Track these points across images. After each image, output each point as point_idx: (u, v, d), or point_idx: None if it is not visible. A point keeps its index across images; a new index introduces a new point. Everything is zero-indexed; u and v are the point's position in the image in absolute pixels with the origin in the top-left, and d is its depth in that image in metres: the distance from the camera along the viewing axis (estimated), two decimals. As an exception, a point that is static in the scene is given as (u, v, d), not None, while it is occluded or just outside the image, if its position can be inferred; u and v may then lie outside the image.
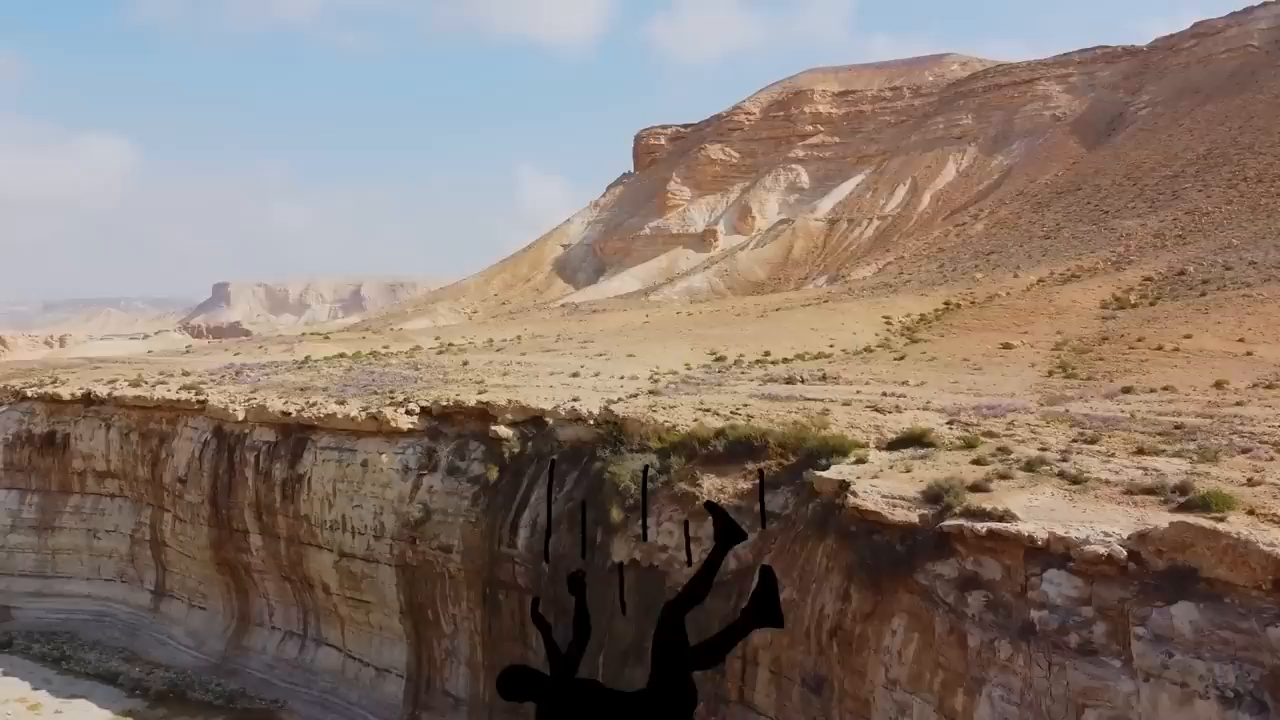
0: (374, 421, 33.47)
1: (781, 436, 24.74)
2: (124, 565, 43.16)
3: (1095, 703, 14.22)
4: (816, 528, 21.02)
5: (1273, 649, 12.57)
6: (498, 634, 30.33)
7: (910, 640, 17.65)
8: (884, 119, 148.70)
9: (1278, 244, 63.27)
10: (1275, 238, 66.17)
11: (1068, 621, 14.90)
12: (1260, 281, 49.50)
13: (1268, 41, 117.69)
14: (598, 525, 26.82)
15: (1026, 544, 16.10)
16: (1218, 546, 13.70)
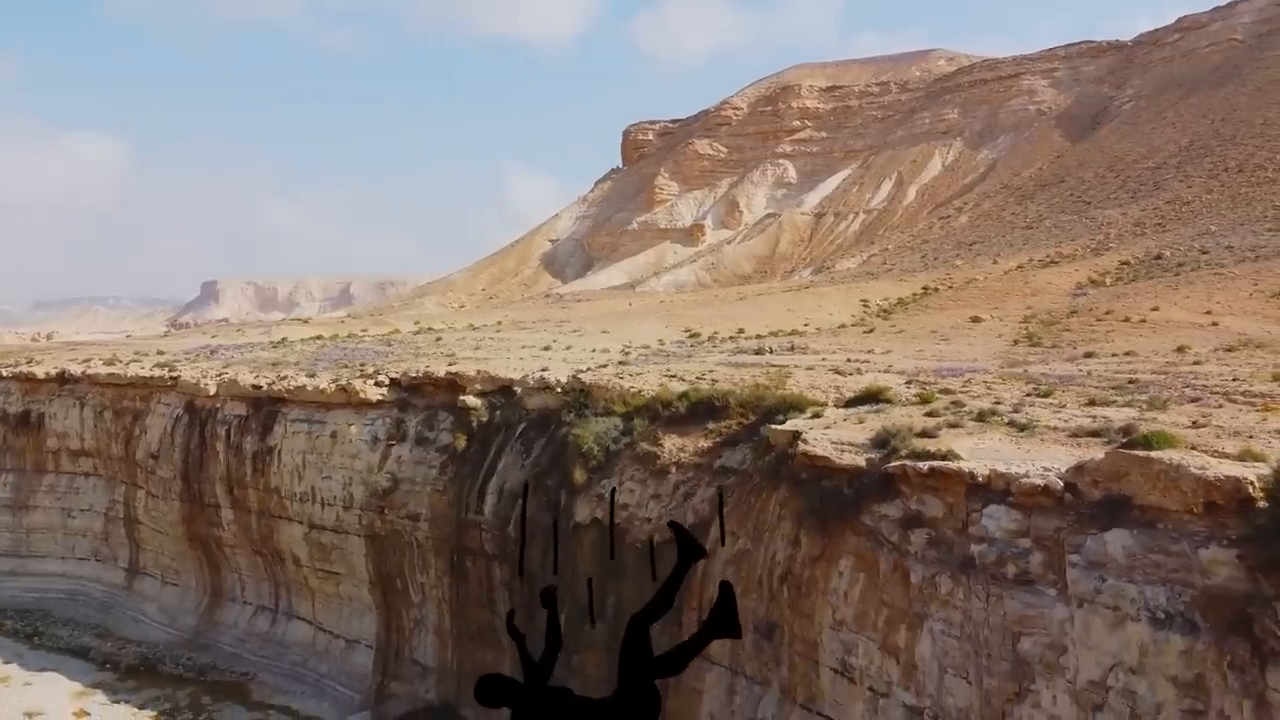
0: (343, 393, 33.49)
1: (742, 397, 24.84)
2: (98, 544, 43.09)
3: (1030, 630, 14.34)
4: (770, 478, 21.13)
5: (1203, 570, 12.68)
6: (464, 600, 30.38)
7: (856, 581, 17.76)
8: (871, 114, 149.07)
9: (1255, 229, 63.64)
10: (1253, 224, 66.56)
11: (1005, 553, 15.02)
12: (1234, 263, 49.81)
13: (1251, 35, 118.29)
14: (562, 488, 26.94)
15: (968, 480, 16.22)
16: (1150, 473, 13.82)
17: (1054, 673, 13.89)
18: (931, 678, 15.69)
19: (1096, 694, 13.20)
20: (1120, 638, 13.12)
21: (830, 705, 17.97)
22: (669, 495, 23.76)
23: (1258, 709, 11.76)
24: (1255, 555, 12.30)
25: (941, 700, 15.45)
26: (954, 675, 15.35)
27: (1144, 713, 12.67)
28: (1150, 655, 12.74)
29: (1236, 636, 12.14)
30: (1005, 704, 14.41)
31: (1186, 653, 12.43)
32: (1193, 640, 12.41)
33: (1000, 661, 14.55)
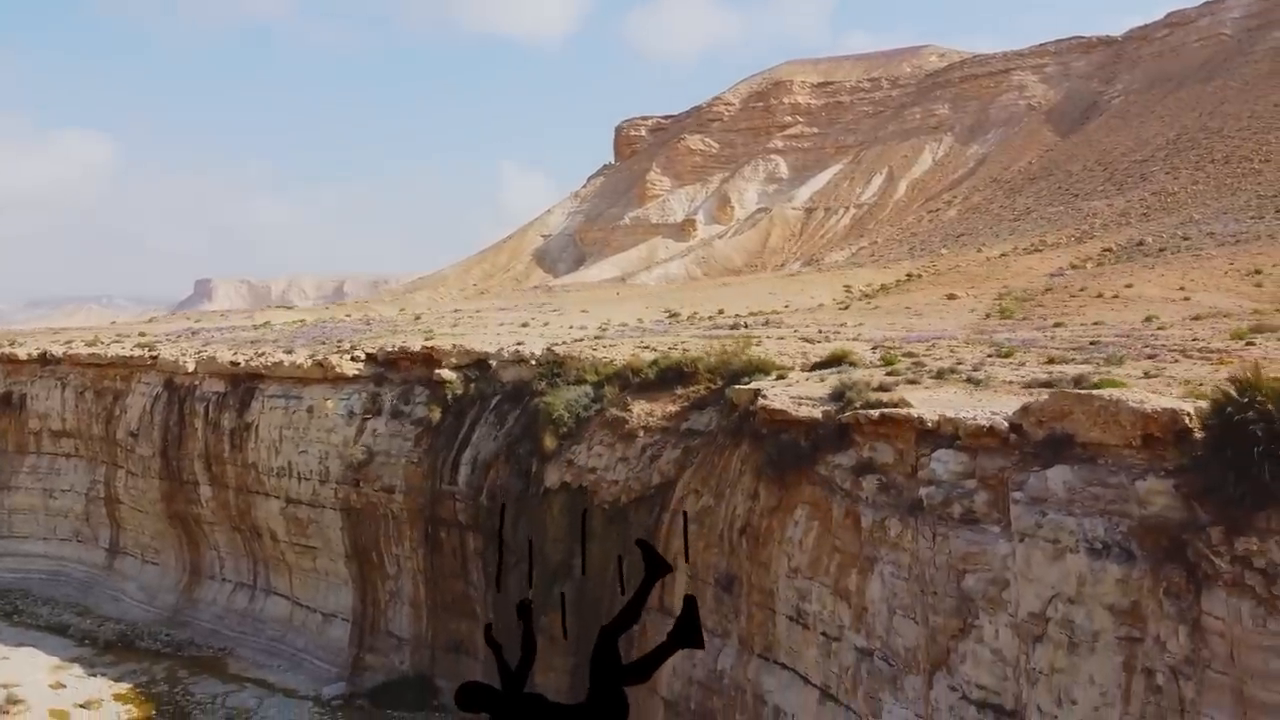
0: (320, 368, 33.61)
1: (710, 363, 24.98)
2: (79, 524, 43.14)
3: (974, 567, 14.50)
4: (732, 437, 21.30)
5: (1140, 501, 12.83)
6: (439, 571, 30.53)
7: (810, 529, 17.93)
8: (862, 109, 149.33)
9: (1238, 218, 63.93)
10: (1236, 212, 66.85)
11: (952, 494, 15.18)
12: (1214, 247, 50.06)
13: (1239, 30, 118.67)
14: (533, 456, 27.10)
15: (917, 426, 16.40)
16: (1091, 409, 13.98)
17: (996, 607, 14.06)
18: (881, 619, 15.86)
19: (1036, 625, 13.36)
20: (1060, 569, 13.28)
21: (786, 653, 18.14)
22: (636, 458, 23.92)
23: (1193, 634, 11.92)
24: (1191, 484, 12.46)
25: (890, 641, 15.61)
26: (902, 616, 15.51)
27: (1081, 641, 12.82)
28: (1088, 585, 12.89)
29: (1172, 564, 12.29)
30: (950, 640, 14.58)
31: (1123, 581, 12.58)
32: (1129, 569, 12.57)
33: (945, 599, 14.72)
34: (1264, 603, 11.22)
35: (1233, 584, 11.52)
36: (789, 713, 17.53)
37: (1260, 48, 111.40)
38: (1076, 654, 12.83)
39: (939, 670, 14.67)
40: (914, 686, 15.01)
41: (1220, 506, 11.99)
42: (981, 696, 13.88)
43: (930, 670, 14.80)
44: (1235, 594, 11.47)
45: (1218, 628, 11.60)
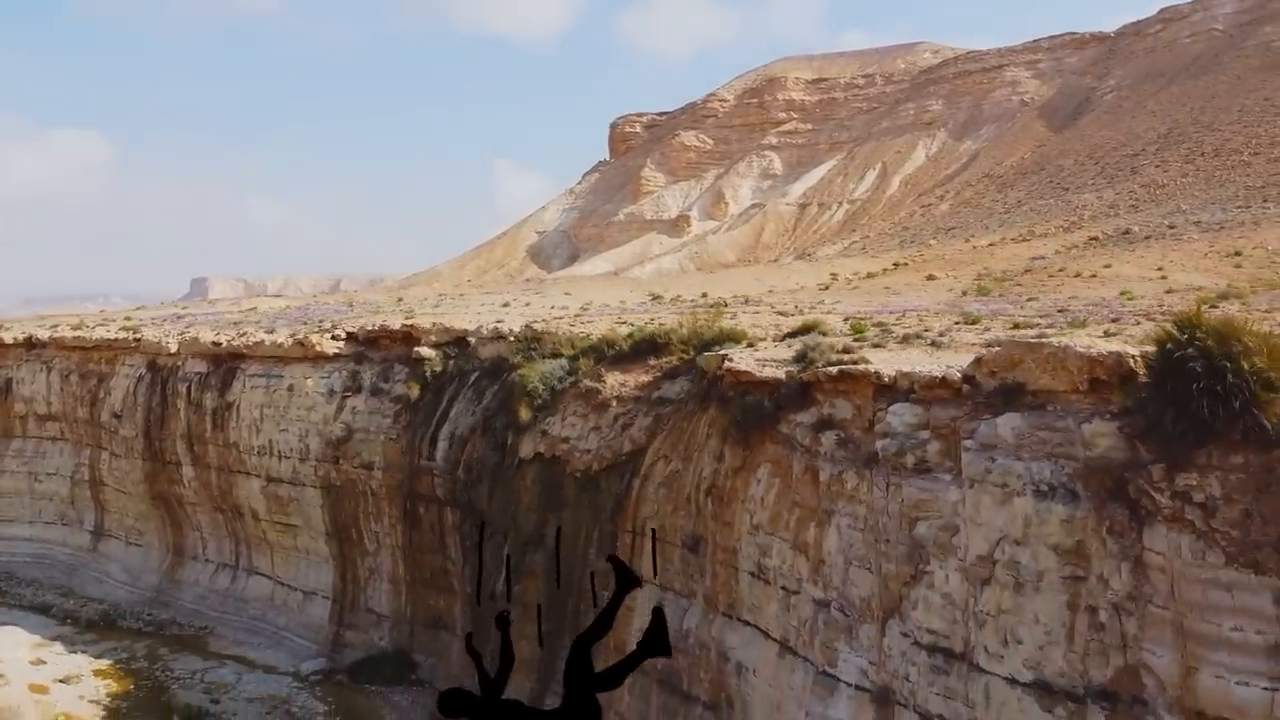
0: (300, 347, 33.70)
1: (683, 335, 25.09)
2: (64, 507, 43.19)
3: (925, 514, 14.63)
4: (700, 402, 21.42)
5: (1086, 443, 12.95)
6: (417, 546, 30.62)
7: (772, 486, 18.05)
8: (856, 106, 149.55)
9: (1225, 208, 64.11)
10: (1224, 203, 67.04)
11: (905, 445, 15.31)
12: (1199, 233, 50.22)
13: (1231, 25, 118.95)
14: (509, 429, 27.20)
15: (875, 381, 16.53)
16: (1040, 357, 14.11)
17: (946, 553, 14.18)
18: (837, 570, 15.98)
19: (984, 568, 13.49)
20: (1007, 513, 13.40)
21: (748, 610, 18.26)
22: (609, 426, 24.02)
23: (1135, 570, 12.04)
24: (1135, 425, 12.59)
25: (846, 591, 15.73)
26: (858, 566, 15.64)
27: (1026, 582, 12.95)
28: (1033, 526, 13.02)
29: (1115, 503, 12.42)
30: (902, 587, 14.70)
31: (1068, 521, 12.71)
32: (1074, 509, 12.70)
33: (897, 547, 14.84)
34: (1203, 536, 11.35)
35: (1173, 519, 11.65)
36: (750, 667, 17.65)
37: (1251, 42, 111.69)
38: (1022, 594, 12.96)
39: (892, 617, 14.80)
40: (868, 635, 15.13)
41: (1162, 444, 12.12)
42: (931, 641, 14.00)
43: (884, 618, 14.92)
44: (1175, 529, 11.60)
45: (1158, 563, 11.73)
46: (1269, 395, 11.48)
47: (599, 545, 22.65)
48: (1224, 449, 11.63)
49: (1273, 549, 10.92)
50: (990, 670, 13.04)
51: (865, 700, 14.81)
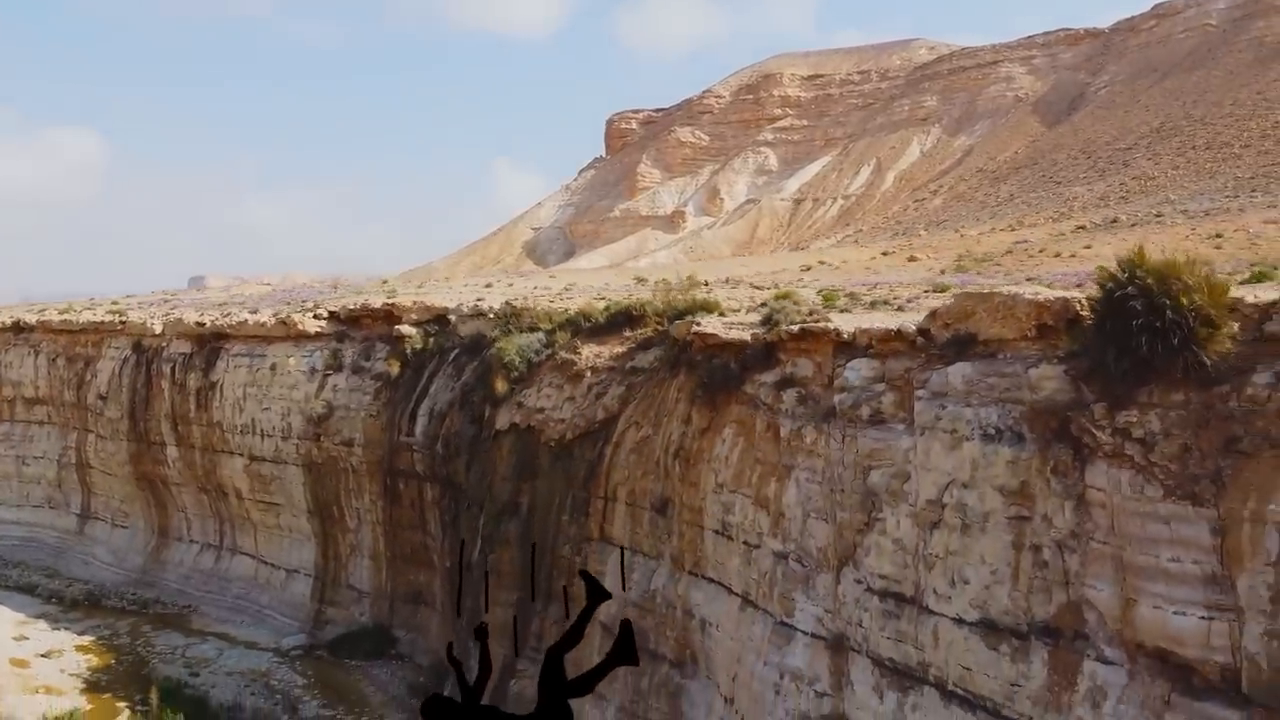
0: (283, 326, 33.83)
1: (658, 306, 25.24)
2: (51, 490, 43.32)
3: (879, 463, 14.77)
4: (671, 368, 21.57)
5: (1032, 387, 13.09)
6: (397, 522, 30.77)
7: (736, 446, 18.20)
8: (851, 102, 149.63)
9: (1214, 198, 64.25)
10: (1213, 194, 67.20)
11: (861, 398, 15.46)
12: (1184, 220, 50.36)
13: (1225, 20, 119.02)
14: (486, 402, 27.33)
15: (834, 338, 16.69)
16: (991, 306, 14.26)
17: (898, 499, 14.33)
18: (795, 523, 16.12)
19: (933, 512, 13.63)
20: (956, 458, 13.55)
21: (713, 567, 18.39)
22: (583, 396, 24.15)
23: (1077, 508, 12.18)
24: (1079, 367, 12.73)
25: (804, 542, 15.87)
26: (815, 518, 15.78)
27: (973, 523, 13.09)
28: (980, 469, 13.17)
29: (1060, 443, 12.56)
30: (856, 535, 14.84)
31: (1013, 463, 12.86)
32: (1019, 451, 12.84)
33: (852, 496, 14.98)
34: (1142, 470, 11.49)
35: (1113, 455, 11.79)
36: (713, 623, 17.79)
37: (1244, 37, 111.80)
38: (969, 535, 13.10)
39: (846, 565, 14.94)
40: (824, 584, 15.27)
41: (1105, 384, 12.26)
42: (883, 586, 14.14)
43: (838, 566, 15.06)
44: (1115, 465, 11.74)
45: (1100, 499, 11.86)
46: (1208, 332, 11.60)
47: (571, 512, 22.80)
48: (1165, 386, 11.76)
49: (1210, 481, 11.06)
50: (938, 611, 13.18)
51: (820, 647, 14.95)
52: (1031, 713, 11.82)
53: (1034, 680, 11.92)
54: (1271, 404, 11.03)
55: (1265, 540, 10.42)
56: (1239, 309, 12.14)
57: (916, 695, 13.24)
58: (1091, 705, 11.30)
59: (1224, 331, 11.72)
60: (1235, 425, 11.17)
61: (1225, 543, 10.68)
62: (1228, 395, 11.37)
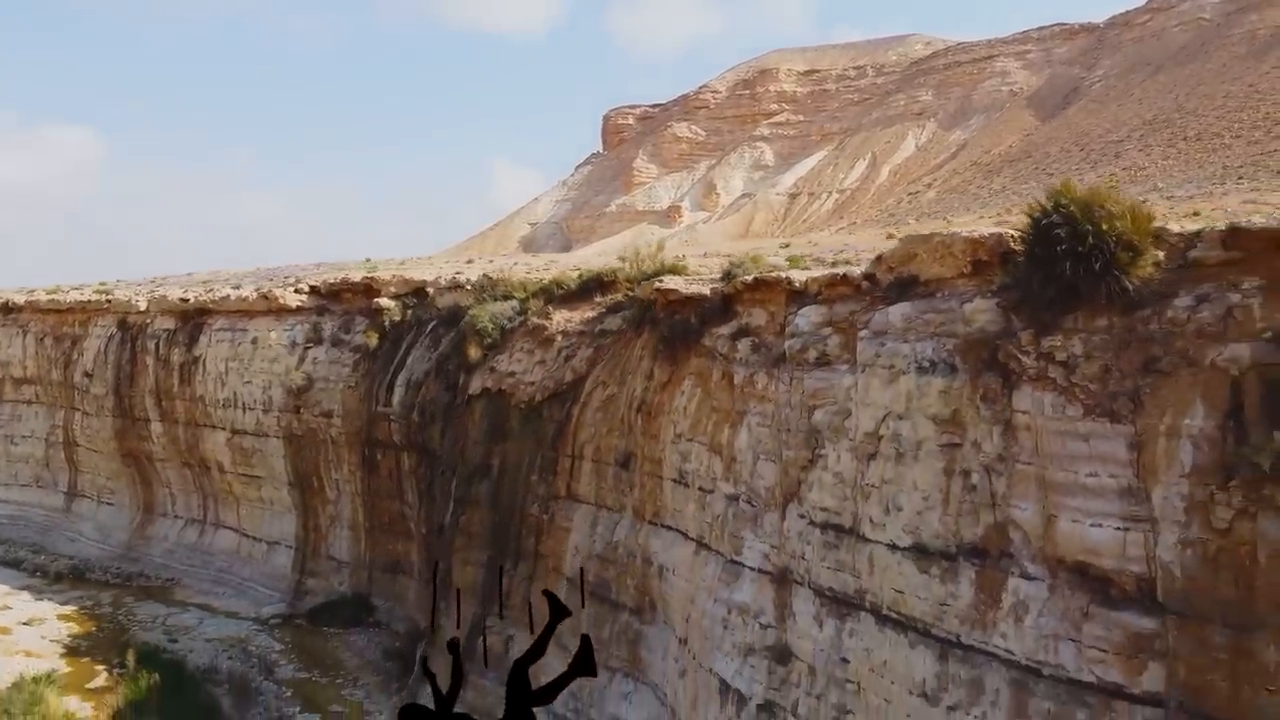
0: (265, 301, 34.14)
1: (628, 273, 25.53)
2: (39, 470, 43.64)
3: (822, 402, 15.06)
4: (636, 327, 21.87)
5: (966, 320, 13.36)
6: (376, 493, 31.06)
7: (694, 396, 18.49)
8: (847, 97, 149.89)
9: (1200, 185, 64.51)
10: (1200, 182, 67.44)
11: (809, 342, 15.75)
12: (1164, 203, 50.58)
13: (1219, 14, 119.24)
14: (460, 369, 27.64)
15: (786, 287, 16.99)
16: (931, 246, 14.55)
17: (839, 435, 14.61)
18: (746, 466, 16.41)
19: (871, 444, 13.92)
20: (893, 391, 13.83)
21: (671, 515, 18.68)
22: (552, 360, 24.45)
23: (1005, 433, 12.45)
24: (1010, 298, 13.02)
25: (753, 484, 16.16)
26: (765, 460, 16.06)
27: (906, 452, 13.37)
28: (914, 400, 13.45)
29: (990, 372, 12.84)
30: (800, 472, 15.13)
31: (945, 392, 13.14)
32: (951, 380, 13.12)
33: (797, 434, 15.27)
34: (1064, 392, 11.77)
35: (1037, 379, 12.07)
36: (670, 568, 18.08)
37: (1238, 31, 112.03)
38: (903, 464, 13.38)
39: (791, 502, 15.23)
40: (771, 521, 15.56)
41: (1032, 312, 12.54)
42: (824, 518, 14.42)
43: (784, 503, 15.35)
44: (1040, 388, 12.02)
45: (1025, 422, 12.14)
46: (1130, 257, 11.88)
47: (540, 471, 23.09)
48: (1090, 312, 12.05)
49: (1128, 398, 11.34)
50: (874, 539, 13.46)
51: (766, 582, 15.24)
52: (959, 630, 12.10)
53: (962, 599, 12.20)
54: (1190, 325, 11.30)
55: (1179, 453, 10.69)
56: (1165, 238, 12.43)
57: (854, 621, 13.52)
58: (1015, 620, 11.58)
59: (1147, 258, 12.00)
60: (1155, 346, 11.44)
61: (1141, 457, 10.95)
62: (1149, 318, 11.64)
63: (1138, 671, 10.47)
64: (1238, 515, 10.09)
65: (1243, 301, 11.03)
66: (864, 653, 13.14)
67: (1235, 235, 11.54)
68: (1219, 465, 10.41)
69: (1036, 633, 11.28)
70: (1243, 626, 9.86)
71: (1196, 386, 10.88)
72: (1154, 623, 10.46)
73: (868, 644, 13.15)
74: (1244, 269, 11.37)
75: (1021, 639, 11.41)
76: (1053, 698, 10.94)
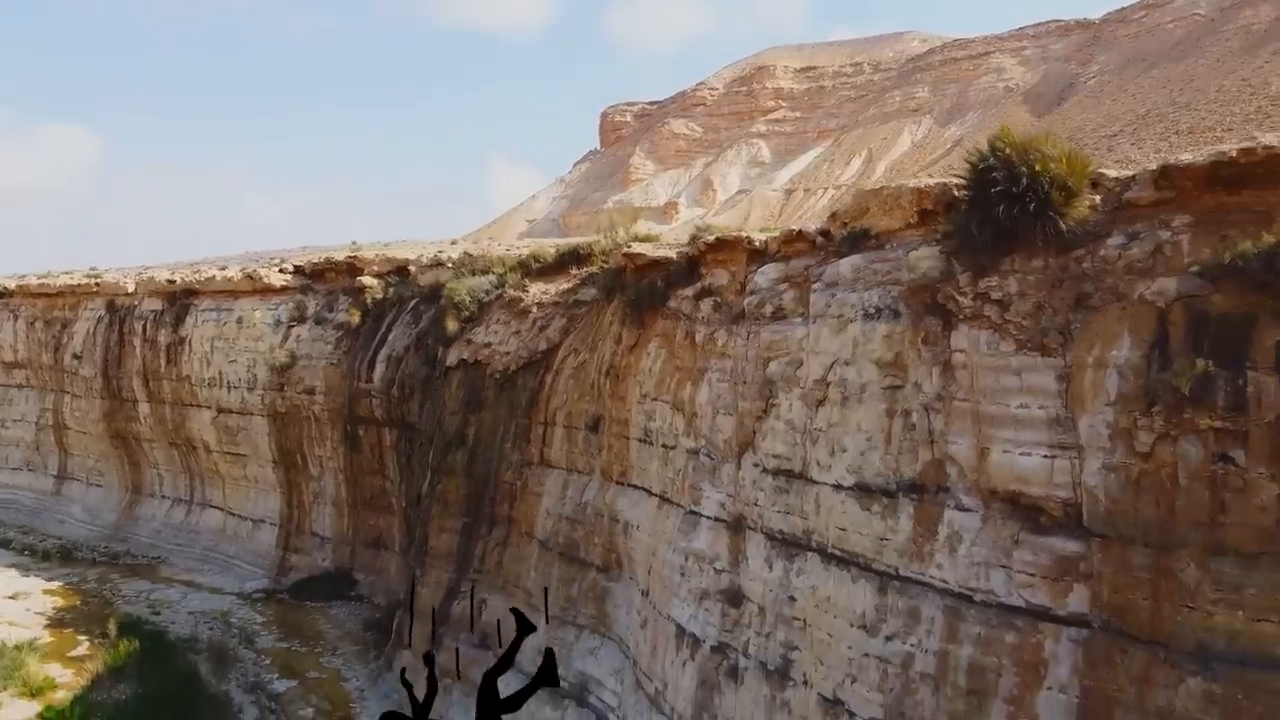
0: (250, 281, 34.46)
1: (604, 245, 25.83)
2: (30, 453, 43.97)
3: (777, 354, 15.34)
4: (607, 295, 22.17)
5: (910, 267, 13.63)
6: (358, 469, 31.35)
7: (659, 357, 18.77)
8: (844, 94, 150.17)
9: (1190, 175, 64.65)
10: (1190, 172, 67.57)
11: (766, 298, 16.04)
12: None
13: (1213, 9, 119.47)
14: (439, 343, 27.93)
15: (747, 247, 17.30)
16: (881, 198, 14.83)
17: (791, 384, 14.89)
18: (706, 420, 16.69)
19: (819, 390, 14.19)
20: (841, 339, 14.11)
21: (637, 474, 18.97)
22: (527, 330, 24.74)
23: (944, 373, 12.73)
24: (952, 244, 13.30)
25: (713, 437, 16.44)
26: (724, 414, 16.34)
27: (851, 395, 13.65)
28: (860, 345, 13.73)
29: (931, 316, 13.12)
30: (755, 422, 15.41)
31: (888, 336, 13.41)
32: (894, 325, 13.40)
33: (752, 386, 15.56)
34: (998, 329, 12.05)
35: (974, 318, 12.35)
36: (635, 524, 18.36)
37: (1231, 26, 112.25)
38: (848, 408, 13.66)
39: (745, 452, 15.51)
40: (728, 472, 15.84)
41: (971, 256, 12.80)
42: (776, 465, 14.70)
43: (739, 453, 15.63)
44: (975, 326, 12.30)
45: (962, 361, 12.41)
46: (1065, 198, 12.15)
47: (514, 439, 23.37)
48: (1026, 253, 12.32)
49: (1059, 333, 11.61)
50: (820, 481, 13.74)
51: (721, 529, 15.52)
52: (898, 563, 12.38)
53: (900, 534, 12.48)
54: (1121, 262, 11.56)
55: (1106, 383, 10.95)
56: (1102, 183, 12.73)
57: (801, 561, 13.80)
58: (949, 551, 11.86)
59: (1082, 199, 12.28)
60: (1087, 283, 11.70)
61: (1070, 388, 11.22)
62: (1082, 258, 11.90)
63: (1063, 594, 10.74)
64: (1159, 439, 10.35)
65: (1173, 238, 11.28)
66: (809, 590, 13.43)
67: (1166, 174, 11.81)
68: (1143, 393, 10.67)
69: (969, 561, 11.56)
70: (1163, 546, 10.13)
71: (1125, 320, 11.15)
72: (1079, 546, 10.73)
73: (813, 582, 13.44)
74: (1175, 207, 11.64)
75: (955, 568, 11.69)
76: (983, 622, 11.22)
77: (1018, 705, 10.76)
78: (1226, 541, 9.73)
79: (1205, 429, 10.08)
